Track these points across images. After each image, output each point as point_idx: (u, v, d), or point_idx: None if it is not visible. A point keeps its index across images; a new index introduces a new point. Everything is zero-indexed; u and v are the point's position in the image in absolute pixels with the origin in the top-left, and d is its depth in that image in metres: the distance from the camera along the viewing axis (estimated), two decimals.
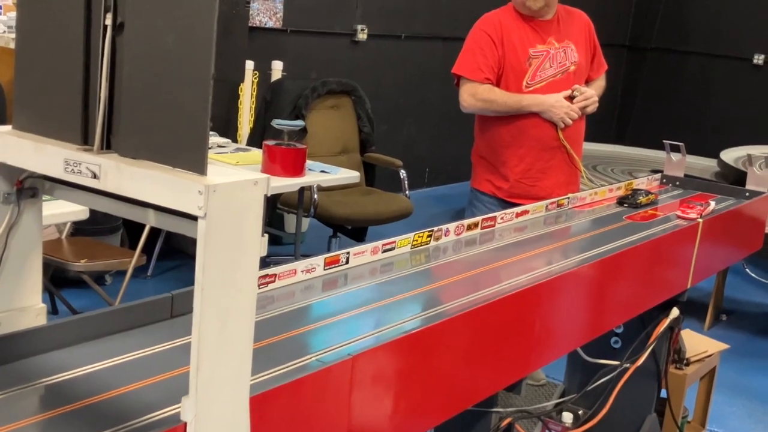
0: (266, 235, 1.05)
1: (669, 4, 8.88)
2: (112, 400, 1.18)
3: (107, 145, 1.08)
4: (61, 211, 2.69)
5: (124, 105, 1.06)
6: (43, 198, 1.30)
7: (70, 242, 3.84)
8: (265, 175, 1.03)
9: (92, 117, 1.09)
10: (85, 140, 1.10)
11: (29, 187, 1.26)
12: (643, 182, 2.90)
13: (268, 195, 1.05)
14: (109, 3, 1.05)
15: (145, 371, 1.27)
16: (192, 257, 0.98)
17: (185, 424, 1.01)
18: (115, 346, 1.34)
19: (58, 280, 3.94)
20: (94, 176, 1.06)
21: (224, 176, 0.99)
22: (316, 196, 4.34)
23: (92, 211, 2.88)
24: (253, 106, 5.26)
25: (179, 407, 1.02)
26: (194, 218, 0.98)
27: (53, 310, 3.87)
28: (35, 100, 1.14)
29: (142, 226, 3.84)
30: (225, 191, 0.98)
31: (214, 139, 3.96)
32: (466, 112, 3.21)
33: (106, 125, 1.08)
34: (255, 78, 5.30)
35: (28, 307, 1.32)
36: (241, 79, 5.21)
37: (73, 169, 1.08)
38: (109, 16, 1.05)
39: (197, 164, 0.99)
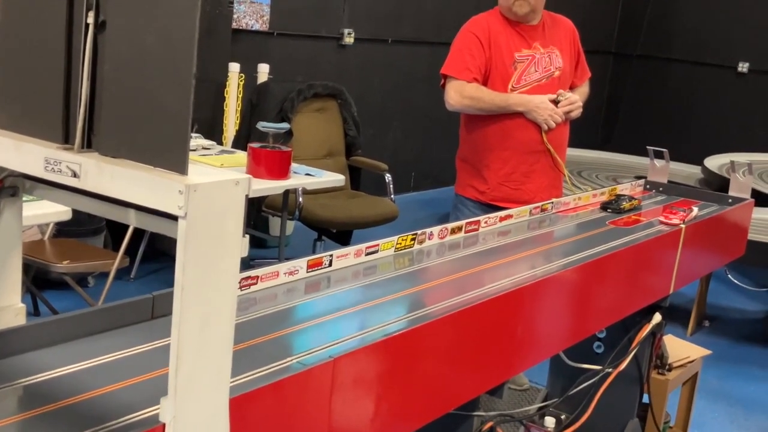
0: (247, 236, 1.05)
1: (654, 12, 8.94)
2: (92, 400, 1.17)
3: (88, 144, 1.08)
4: (43, 211, 2.67)
5: (106, 104, 1.05)
6: (26, 198, 1.29)
7: (52, 243, 3.81)
8: (247, 176, 1.02)
9: (73, 115, 1.08)
10: (66, 139, 1.09)
11: (9, 185, 1.25)
12: (626, 188, 2.91)
13: (250, 195, 1.05)
14: (91, 1, 1.05)
15: (124, 372, 1.26)
16: (175, 259, 0.97)
17: (164, 425, 1.00)
18: (95, 347, 1.33)
19: (40, 282, 3.92)
20: (75, 175, 1.05)
21: (205, 176, 0.99)
22: (301, 199, 4.33)
23: (75, 212, 2.87)
24: (239, 108, 5.25)
25: (159, 408, 1.01)
26: (174, 218, 0.98)
27: (35, 312, 3.85)
28: (16, 97, 1.14)
29: (126, 227, 3.82)
30: (206, 191, 0.97)
31: (199, 141, 3.95)
32: (451, 110, 3.22)
33: (87, 124, 1.07)
34: (241, 80, 5.29)
35: (7, 307, 1.31)
36: (225, 80, 5.20)
37: (53, 168, 1.07)
38: (91, 14, 1.05)
39: (178, 164, 0.98)
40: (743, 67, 8.35)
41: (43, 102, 1.10)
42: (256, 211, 4.82)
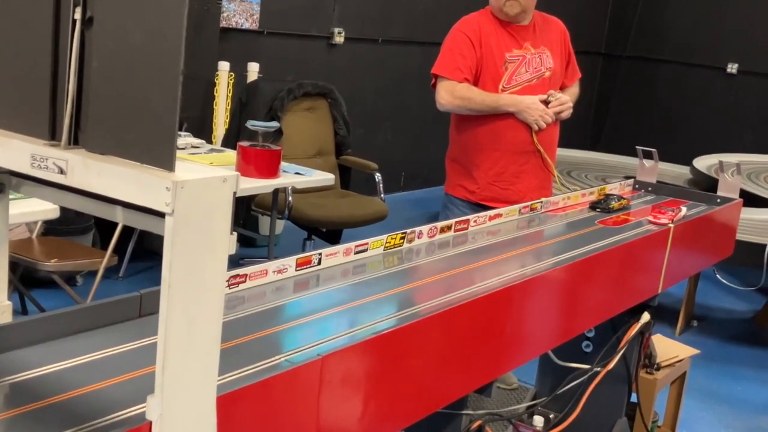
0: (235, 234, 1.04)
1: (644, 13, 8.96)
2: (79, 398, 1.17)
3: (75, 141, 1.07)
4: (31, 210, 2.66)
5: (93, 100, 1.05)
6: (14, 196, 1.29)
7: (40, 242, 3.80)
8: (235, 173, 1.02)
9: (60, 112, 1.07)
10: (53, 135, 1.08)
11: None
12: (615, 187, 2.92)
13: (238, 194, 1.04)
14: None
15: (112, 370, 1.25)
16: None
17: (150, 423, 1.00)
18: (83, 345, 1.32)
19: (28, 280, 3.90)
20: (61, 172, 1.04)
21: (193, 173, 0.99)
22: (290, 198, 4.32)
23: (63, 211, 2.86)
24: (229, 107, 5.24)
25: (145, 406, 1.01)
26: (162, 215, 0.97)
27: (23, 311, 3.83)
28: (2, 94, 1.13)
29: (114, 226, 3.81)
30: (193, 188, 0.97)
31: (189, 139, 3.94)
32: (442, 110, 3.22)
33: (73, 120, 1.06)
34: (231, 79, 5.28)
35: None
36: (213, 77, 5.19)
37: (39, 165, 1.06)
38: (79, 10, 1.04)
39: (165, 160, 0.98)
40: (732, 68, 8.38)
41: (30, 98, 1.10)
42: (246, 210, 4.81)
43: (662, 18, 8.85)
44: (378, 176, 4.91)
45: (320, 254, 1.79)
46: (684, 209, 2.54)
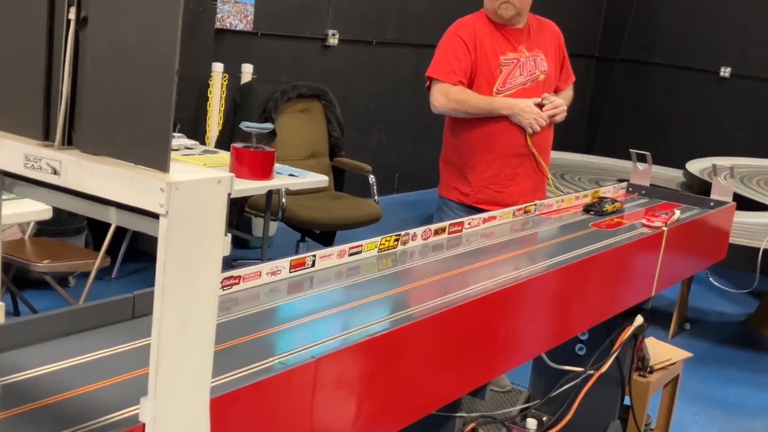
0: (229, 235, 1.04)
1: (637, 16, 8.98)
2: (71, 400, 1.16)
3: (69, 141, 1.06)
4: (24, 210, 2.65)
5: (87, 101, 1.04)
6: (7, 197, 1.28)
7: (33, 242, 3.79)
8: (229, 174, 1.02)
9: (54, 112, 1.07)
10: (47, 136, 1.08)
11: None
12: (609, 190, 2.92)
13: (232, 195, 1.04)
14: None
15: (104, 372, 1.25)
16: (156, 258, 0.97)
17: (143, 425, 0.99)
18: (75, 346, 1.32)
19: (20, 281, 3.89)
20: (55, 172, 1.04)
21: (187, 174, 0.98)
22: (284, 199, 4.32)
23: (56, 212, 2.85)
24: (222, 108, 5.24)
25: (138, 408, 1.01)
26: (156, 216, 0.97)
27: (15, 312, 3.81)
28: None
29: (107, 227, 3.80)
30: (187, 189, 0.97)
31: (182, 141, 3.93)
32: (437, 113, 3.22)
33: (67, 121, 1.06)
34: (224, 80, 5.27)
35: None
36: (207, 78, 5.19)
37: (33, 165, 1.06)
38: (73, 10, 1.04)
39: (160, 161, 0.97)
40: (725, 71, 8.41)
41: (24, 98, 1.09)
42: (239, 212, 4.80)
43: (656, 21, 8.87)
44: (372, 178, 4.91)
45: (314, 256, 1.79)
46: (677, 212, 2.54)
